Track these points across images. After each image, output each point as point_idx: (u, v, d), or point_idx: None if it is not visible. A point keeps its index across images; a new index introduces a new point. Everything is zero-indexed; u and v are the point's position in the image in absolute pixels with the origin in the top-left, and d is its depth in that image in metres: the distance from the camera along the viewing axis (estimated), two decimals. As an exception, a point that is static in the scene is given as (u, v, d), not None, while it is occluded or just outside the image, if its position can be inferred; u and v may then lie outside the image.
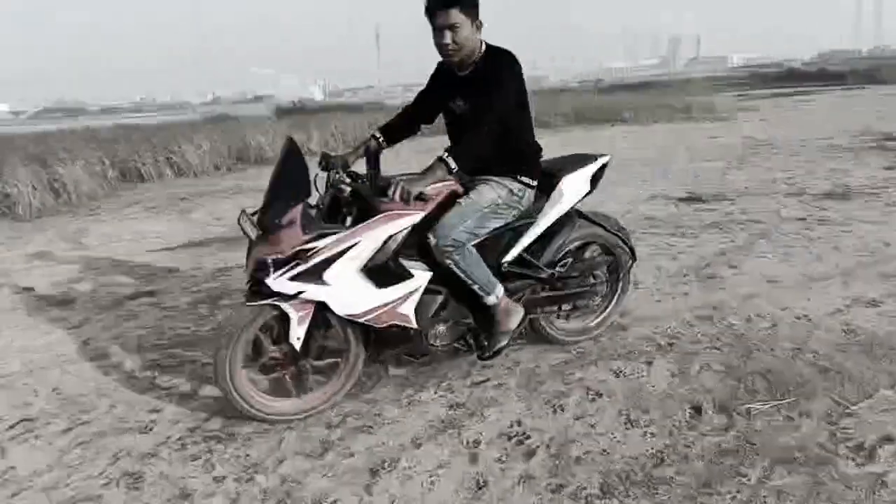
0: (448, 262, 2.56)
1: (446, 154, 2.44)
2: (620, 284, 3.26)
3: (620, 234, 3.15)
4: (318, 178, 2.64)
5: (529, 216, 2.84)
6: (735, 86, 32.21)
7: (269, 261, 2.38)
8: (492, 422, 2.54)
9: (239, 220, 2.52)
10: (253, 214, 2.50)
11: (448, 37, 2.47)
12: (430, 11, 2.47)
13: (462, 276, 2.60)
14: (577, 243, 3.07)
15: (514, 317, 2.79)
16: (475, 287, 2.64)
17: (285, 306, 2.43)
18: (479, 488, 2.14)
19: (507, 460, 2.28)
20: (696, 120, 15.48)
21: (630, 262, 3.22)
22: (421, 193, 2.42)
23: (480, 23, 2.53)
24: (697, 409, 2.52)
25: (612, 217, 3.24)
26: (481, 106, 2.51)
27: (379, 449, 2.42)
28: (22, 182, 8.54)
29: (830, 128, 11.71)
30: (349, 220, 2.58)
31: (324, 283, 2.41)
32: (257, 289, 2.44)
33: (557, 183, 2.86)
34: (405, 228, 2.53)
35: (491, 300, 2.70)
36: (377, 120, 16.23)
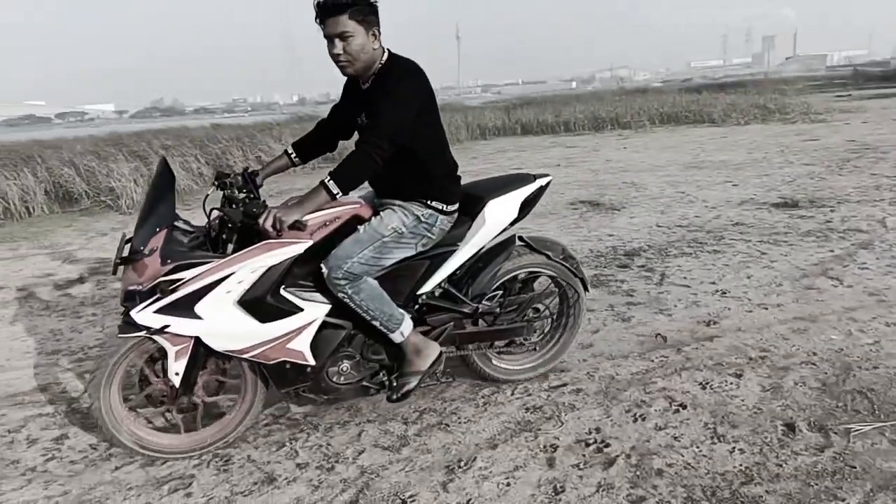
0: (341, 295, 2.34)
1: (328, 178, 2.21)
2: (569, 319, 2.97)
3: (567, 264, 2.84)
4: (209, 198, 2.45)
5: (451, 244, 2.58)
6: (836, 85, 30.24)
7: (135, 291, 2.21)
8: (569, 427, 2.50)
9: (120, 244, 2.34)
10: (128, 241, 2.32)
11: (339, 47, 2.25)
12: (319, 19, 2.25)
13: (358, 310, 2.38)
14: (517, 273, 2.80)
15: (427, 356, 2.54)
16: (375, 323, 2.41)
17: (160, 339, 2.25)
18: (557, 493, 2.11)
19: (585, 467, 2.24)
20: (792, 121, 14.65)
21: (576, 294, 2.92)
22: (297, 222, 2.18)
23: (378, 30, 2.31)
24: (791, 427, 2.39)
25: (559, 243, 2.93)
26: (368, 123, 2.32)
27: (455, 447, 2.43)
28: (125, 177, 9.19)
29: (945, 130, 10.78)
30: (230, 247, 2.34)
31: (196, 316, 2.22)
32: (129, 319, 2.24)
33: (482, 208, 2.60)
34: (287, 259, 2.29)
35: (395, 337, 2.46)
36: (454, 120, 16.37)
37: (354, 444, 2.51)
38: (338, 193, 2.23)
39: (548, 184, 2.79)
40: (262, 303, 2.27)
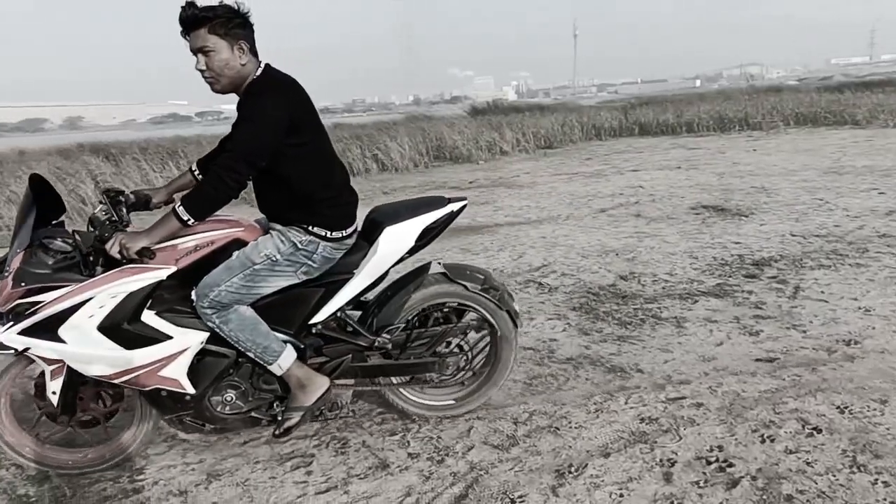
0: (210, 324, 2.24)
1: (178, 203, 2.11)
2: (494, 355, 2.70)
3: (489, 295, 2.59)
4: (95, 216, 2.33)
5: (346, 272, 2.42)
6: None
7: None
8: (689, 442, 2.38)
9: None
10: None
11: (201, 62, 2.13)
12: (183, 33, 2.14)
13: (229, 340, 2.27)
14: (429, 304, 2.59)
15: (312, 391, 2.39)
16: (249, 354, 2.29)
17: (36, 359, 2.23)
18: (673, 510, 2.02)
19: (705, 486, 2.12)
20: (952, 123, 13.08)
21: (496, 328, 2.63)
22: (144, 249, 2.08)
23: (247, 44, 2.16)
24: (947, 464, 2.14)
25: (483, 273, 2.70)
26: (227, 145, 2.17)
27: (565, 452, 2.39)
28: (256, 172, 9.85)
29: None
30: (99, 269, 2.24)
31: (59, 340, 2.16)
32: None
33: (379, 235, 2.42)
34: (147, 285, 2.18)
35: (274, 370, 2.33)
36: (568, 120, 16.10)
37: (464, 439, 2.53)
38: (188, 220, 2.12)
39: (461, 209, 2.56)
40: (124, 329, 2.19)
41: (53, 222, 2.37)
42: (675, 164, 10.32)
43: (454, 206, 2.54)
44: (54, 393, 2.25)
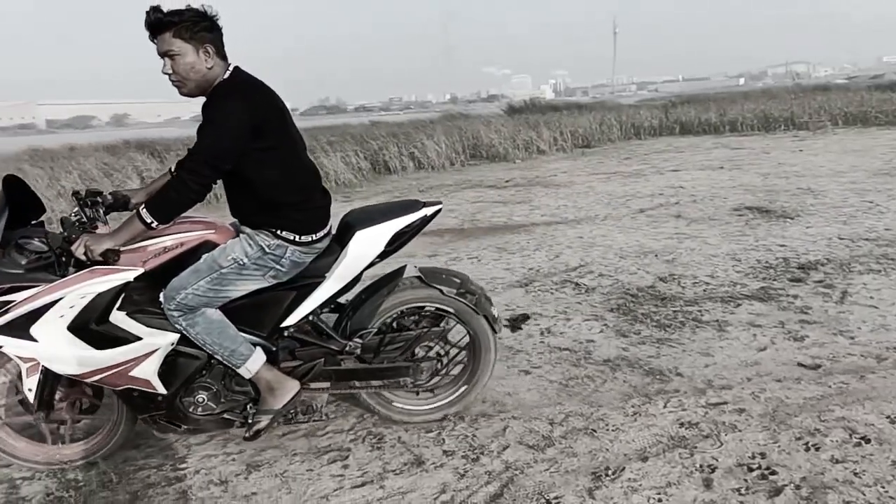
0: (177, 326, 2.25)
1: (142, 206, 2.13)
2: (472, 361, 2.66)
3: (465, 300, 2.55)
4: (67, 217, 2.33)
5: (319, 275, 2.40)
6: None
7: None
8: (730, 448, 2.33)
9: None
10: None
11: (167, 66, 2.14)
12: (150, 36, 2.14)
13: (197, 342, 2.27)
14: (403, 308, 2.57)
15: (282, 394, 2.37)
16: (217, 357, 2.29)
17: (12, 356, 2.26)
18: (713, 517, 1.98)
19: (747, 493, 2.08)
20: None
21: (474, 334, 2.61)
22: (108, 251, 2.09)
23: (214, 47, 2.15)
24: None
25: (460, 277, 2.64)
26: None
27: (602, 454, 2.37)
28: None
29: None
30: (71, 270, 2.24)
31: (31, 338, 2.19)
32: None
33: (350, 239, 2.40)
34: (114, 286, 2.18)
35: (242, 373, 2.33)
36: (608, 119, 15.89)
37: (499, 438, 2.53)
38: (152, 223, 2.13)
39: (435, 213, 2.51)
40: (92, 330, 2.21)
41: (33, 222, 2.41)
42: (718, 164, 10.10)
43: (428, 211, 2.50)
44: (30, 390, 2.28)
